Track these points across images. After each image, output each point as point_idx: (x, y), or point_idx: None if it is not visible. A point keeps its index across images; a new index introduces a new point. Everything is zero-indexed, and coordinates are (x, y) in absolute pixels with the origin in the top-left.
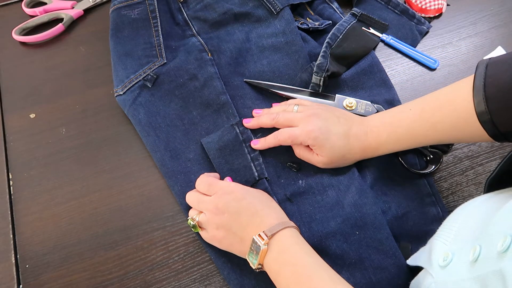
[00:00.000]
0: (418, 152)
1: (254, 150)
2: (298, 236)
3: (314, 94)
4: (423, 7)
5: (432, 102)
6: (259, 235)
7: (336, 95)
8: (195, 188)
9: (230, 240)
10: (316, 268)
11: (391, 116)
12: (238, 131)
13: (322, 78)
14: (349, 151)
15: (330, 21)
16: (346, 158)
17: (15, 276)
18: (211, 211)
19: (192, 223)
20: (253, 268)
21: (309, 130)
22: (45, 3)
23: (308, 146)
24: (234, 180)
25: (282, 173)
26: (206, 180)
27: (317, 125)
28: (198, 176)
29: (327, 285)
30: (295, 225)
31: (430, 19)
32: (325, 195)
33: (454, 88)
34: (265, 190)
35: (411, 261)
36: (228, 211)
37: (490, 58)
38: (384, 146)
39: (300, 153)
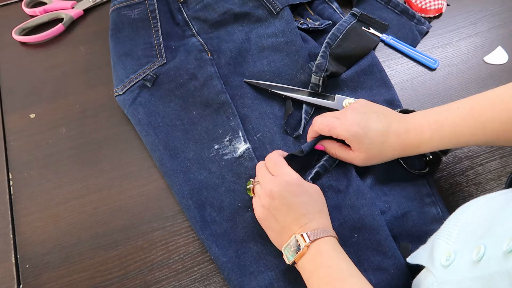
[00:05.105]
0: None
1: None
2: (337, 244)
3: (314, 94)
4: (423, 7)
5: (482, 100)
6: (302, 236)
7: (336, 95)
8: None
9: (270, 224)
10: (349, 274)
11: (436, 114)
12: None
13: (321, 78)
14: (387, 148)
15: (330, 21)
16: (384, 155)
17: (15, 276)
18: (265, 190)
19: (250, 185)
20: (286, 262)
21: (347, 124)
22: (45, 3)
23: (342, 144)
24: None
25: None
26: (275, 159)
27: (355, 120)
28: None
29: None
30: (336, 235)
31: (430, 19)
32: (325, 197)
33: (508, 87)
34: None
35: (411, 259)
36: (280, 200)
37: None
38: (426, 144)
39: (336, 152)
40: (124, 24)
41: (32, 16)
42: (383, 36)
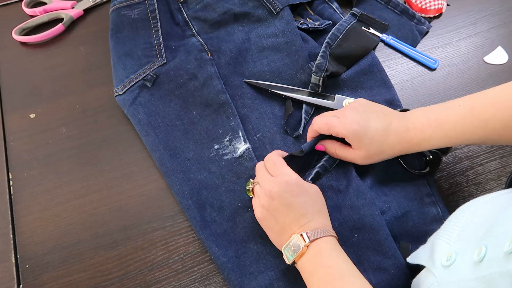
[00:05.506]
0: (418, 153)
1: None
2: (337, 244)
3: (314, 94)
4: (423, 7)
5: (483, 99)
6: (301, 236)
7: (336, 95)
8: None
9: (269, 224)
10: (349, 274)
11: (437, 112)
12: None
13: (321, 78)
14: (388, 146)
15: (330, 21)
16: (384, 153)
17: (15, 276)
18: (264, 191)
19: (249, 186)
20: (286, 262)
21: (347, 122)
22: (45, 3)
23: (342, 143)
24: None
25: None
26: (274, 159)
27: (355, 118)
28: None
29: None
30: (335, 235)
31: (430, 19)
32: (325, 197)
33: (508, 86)
34: None
35: (411, 259)
36: (279, 200)
37: None
38: (427, 142)
39: (336, 151)
40: (124, 24)
41: (32, 16)
42: (383, 36)
